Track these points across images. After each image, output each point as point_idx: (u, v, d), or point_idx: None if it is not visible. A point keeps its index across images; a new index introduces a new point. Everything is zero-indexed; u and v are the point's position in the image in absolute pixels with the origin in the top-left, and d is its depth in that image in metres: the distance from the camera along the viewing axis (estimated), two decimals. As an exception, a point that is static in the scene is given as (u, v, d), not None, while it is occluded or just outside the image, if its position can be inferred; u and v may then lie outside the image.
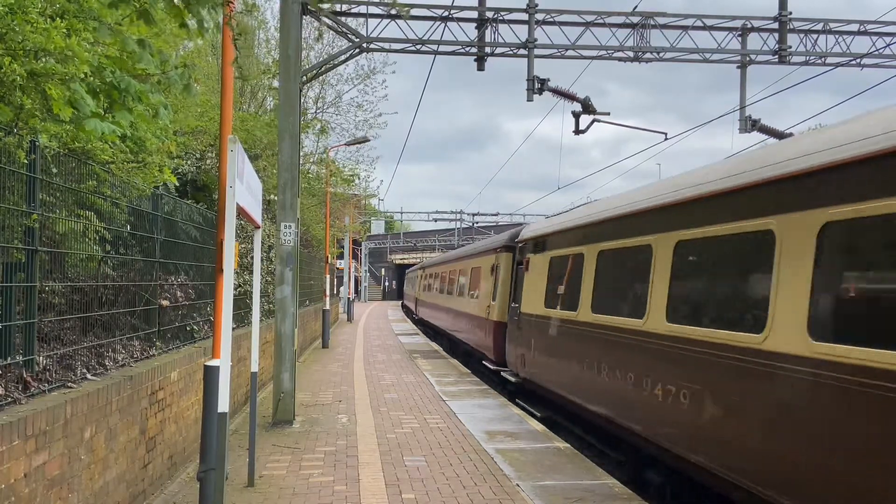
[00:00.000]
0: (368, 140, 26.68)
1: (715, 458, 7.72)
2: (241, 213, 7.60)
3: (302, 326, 22.42)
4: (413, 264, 71.51)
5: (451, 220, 72.32)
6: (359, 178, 31.83)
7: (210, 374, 6.76)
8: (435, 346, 28.07)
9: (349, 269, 52.57)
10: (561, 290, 12.77)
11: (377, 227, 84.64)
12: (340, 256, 51.58)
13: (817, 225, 6.54)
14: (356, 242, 69.01)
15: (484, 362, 19.47)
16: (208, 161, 14.33)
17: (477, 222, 72.45)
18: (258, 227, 9.29)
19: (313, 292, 28.56)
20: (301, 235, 18.11)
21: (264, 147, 18.18)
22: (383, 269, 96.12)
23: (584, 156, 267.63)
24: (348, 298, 48.49)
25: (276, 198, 13.17)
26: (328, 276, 30.55)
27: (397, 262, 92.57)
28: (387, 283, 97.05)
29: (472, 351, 21.71)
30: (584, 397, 11.40)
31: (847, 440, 5.99)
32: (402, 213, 74.19)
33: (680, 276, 8.84)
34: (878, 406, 5.67)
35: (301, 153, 14.45)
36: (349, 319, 45.21)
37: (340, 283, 52.82)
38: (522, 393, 15.96)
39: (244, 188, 7.43)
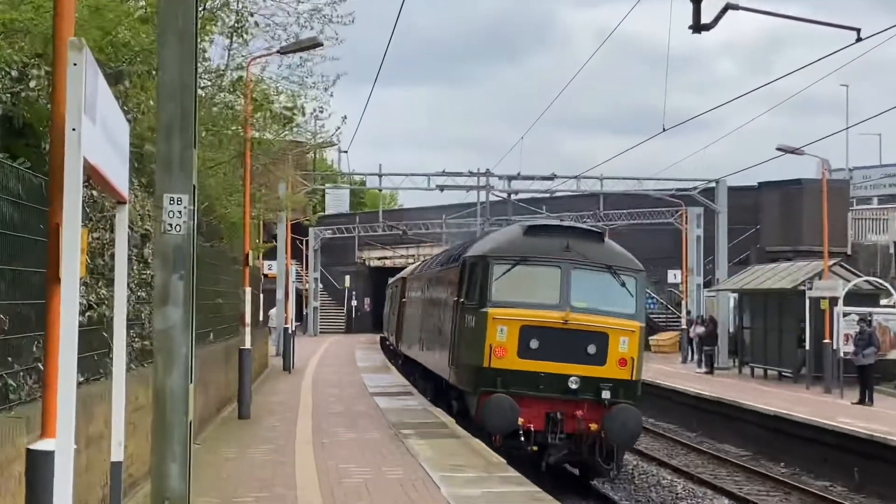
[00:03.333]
0: (321, 45, 17.92)
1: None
2: (94, 175, 6.09)
3: (202, 379, 15.86)
4: (403, 267, 45.74)
5: (468, 189, 44.75)
6: (303, 114, 20.72)
7: (38, 466, 5.24)
8: (437, 412, 19.12)
9: (286, 276, 35.85)
10: None
11: (336, 202, 62.07)
12: (272, 255, 36.75)
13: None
14: (299, 229, 45.77)
15: None
16: (33, 84, 10.17)
17: (516, 191, 44.25)
18: (123, 202, 6.84)
19: (223, 318, 19.88)
20: (200, 218, 13.80)
21: (133, 58, 13.34)
22: (348, 277, 61.78)
23: (708, 71, 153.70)
24: (284, 330, 32.27)
25: (153, 149, 9.56)
26: (248, 290, 19.84)
27: (374, 263, 62.92)
28: (355, 302, 62.69)
29: None
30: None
31: None
32: (380, 174, 44.35)
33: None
34: None
35: (201, 67, 10.69)
36: (286, 367, 30.00)
37: (271, 304, 36.90)
38: None
39: (97, 131, 5.76)
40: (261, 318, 31.55)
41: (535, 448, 15.74)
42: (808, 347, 26.97)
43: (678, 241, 41.00)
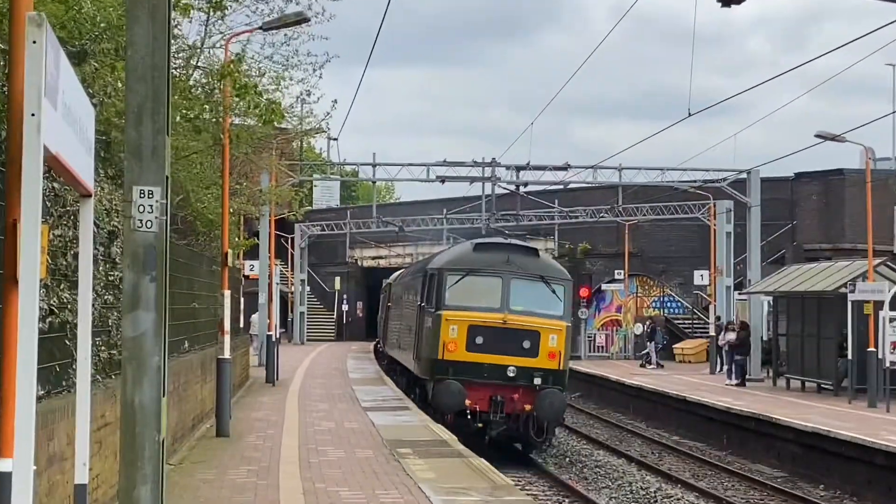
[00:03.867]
0: (307, 20, 17.23)
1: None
2: (55, 165, 6.15)
3: (176, 393, 15.62)
4: (399, 267, 46.85)
5: (472, 181, 42.32)
6: (281, 117, 18.71)
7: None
8: (437, 429, 18.68)
9: (269, 278, 33.64)
10: None
11: (325, 195, 59.66)
12: (253, 254, 33.77)
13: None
14: (283, 225, 45.19)
15: None
16: None
17: (525, 183, 41.51)
18: (88, 195, 7.43)
19: (199, 325, 18.85)
20: (174, 213, 13.48)
21: (98, 35, 13.37)
22: (339, 279, 59.64)
23: (739, 50, 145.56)
24: (268, 338, 30.57)
25: (121, 136, 9.81)
26: (227, 293, 18.85)
27: (367, 263, 60.85)
28: (346, 307, 60.30)
29: None
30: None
31: None
32: (373, 164, 41.56)
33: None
34: None
35: (174, 45, 11.12)
36: (270, 379, 28.98)
37: (253, 309, 34.93)
38: None
39: (59, 117, 5.79)
40: (241, 325, 30.21)
41: (480, 425, 20.08)
42: (850, 357, 25.48)
43: (706, 239, 39.38)
